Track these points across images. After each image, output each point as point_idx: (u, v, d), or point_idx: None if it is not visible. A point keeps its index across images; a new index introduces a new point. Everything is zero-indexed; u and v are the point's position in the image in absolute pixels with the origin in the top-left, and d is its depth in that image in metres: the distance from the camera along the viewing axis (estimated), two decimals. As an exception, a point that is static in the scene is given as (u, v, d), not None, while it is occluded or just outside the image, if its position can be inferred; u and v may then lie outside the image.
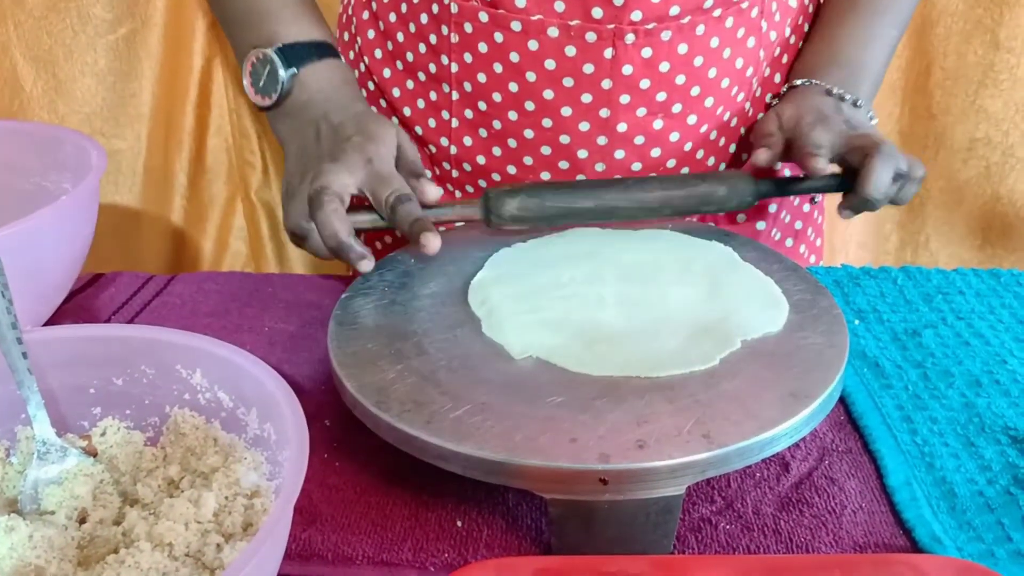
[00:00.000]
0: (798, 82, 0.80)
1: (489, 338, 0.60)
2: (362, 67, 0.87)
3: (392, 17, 0.81)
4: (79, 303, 0.78)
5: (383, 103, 0.85)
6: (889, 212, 1.35)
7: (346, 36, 0.90)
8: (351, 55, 0.88)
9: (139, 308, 0.77)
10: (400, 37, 0.81)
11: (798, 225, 0.91)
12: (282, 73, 0.73)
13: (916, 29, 1.24)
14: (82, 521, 0.51)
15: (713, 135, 0.81)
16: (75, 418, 0.57)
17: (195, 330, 0.56)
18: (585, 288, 0.64)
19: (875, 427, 0.61)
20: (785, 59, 0.84)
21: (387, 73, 0.84)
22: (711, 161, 0.82)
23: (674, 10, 0.73)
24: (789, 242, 0.90)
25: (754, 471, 0.58)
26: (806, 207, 0.92)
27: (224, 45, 1.21)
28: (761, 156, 0.75)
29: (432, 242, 0.62)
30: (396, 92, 0.83)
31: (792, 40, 0.84)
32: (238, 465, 0.51)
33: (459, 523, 0.54)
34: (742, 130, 0.83)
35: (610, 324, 0.60)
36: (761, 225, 0.87)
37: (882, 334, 0.71)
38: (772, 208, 0.87)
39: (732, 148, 0.83)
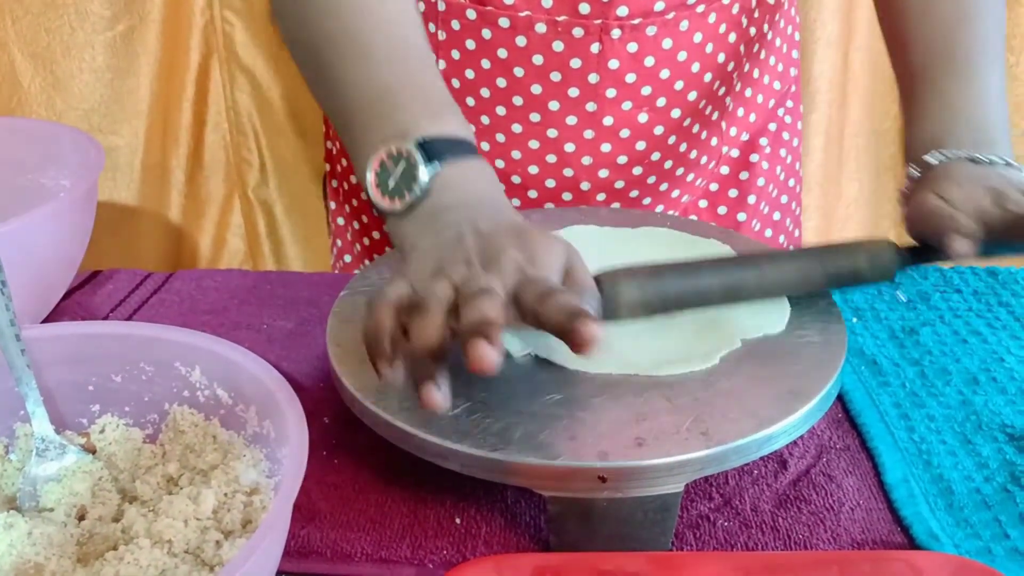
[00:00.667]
0: (933, 161, 0.69)
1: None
2: None
3: None
4: (77, 300, 0.78)
5: None
6: (887, 209, 1.36)
7: None
8: None
9: (137, 305, 0.77)
10: None
11: (776, 216, 0.91)
12: (423, 170, 0.56)
13: (915, 26, 1.24)
14: (81, 518, 0.51)
15: (696, 128, 0.81)
16: (74, 415, 0.57)
17: (193, 327, 0.56)
18: None
19: (873, 425, 0.61)
20: (763, 55, 0.84)
21: None
22: (693, 155, 0.83)
23: (659, 6, 0.74)
24: (768, 232, 0.91)
25: (752, 468, 0.58)
26: (784, 198, 0.92)
27: (221, 43, 1.21)
28: (961, 246, 0.62)
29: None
30: None
31: (770, 36, 0.84)
32: (237, 462, 0.51)
33: (458, 520, 0.55)
34: (723, 124, 0.83)
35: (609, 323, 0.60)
36: (742, 216, 0.88)
37: (880, 332, 0.71)
38: (751, 199, 0.88)
39: (713, 142, 0.84)
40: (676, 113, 0.79)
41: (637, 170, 0.81)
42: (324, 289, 0.78)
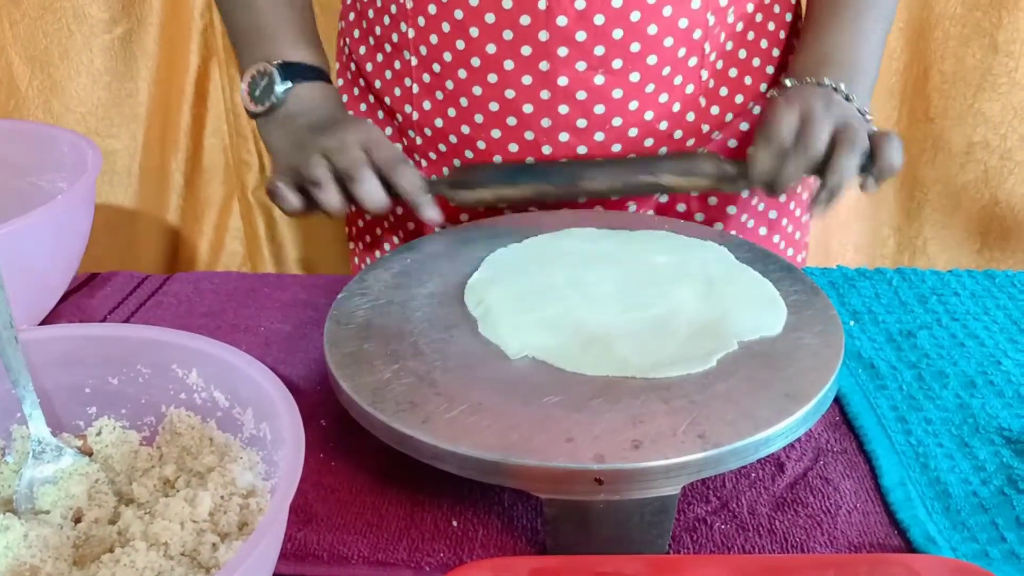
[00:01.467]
0: (788, 84, 0.79)
1: (485, 338, 0.60)
2: (346, 51, 0.91)
3: None
4: (75, 302, 0.78)
5: (361, 83, 0.89)
6: (887, 215, 1.36)
7: (340, 23, 0.94)
8: (342, 42, 0.93)
9: (135, 308, 0.77)
10: (371, 13, 0.85)
11: (772, 215, 0.90)
12: (279, 86, 0.79)
13: (914, 33, 1.24)
14: (77, 520, 0.51)
15: (664, 98, 0.80)
16: (71, 417, 0.56)
17: (191, 330, 0.56)
18: (582, 288, 0.64)
19: (870, 428, 0.61)
20: (751, 36, 0.83)
21: (363, 51, 0.88)
22: (663, 125, 0.82)
23: None
24: (763, 231, 0.90)
25: (749, 471, 0.58)
26: (792, 205, 0.92)
27: (220, 45, 1.22)
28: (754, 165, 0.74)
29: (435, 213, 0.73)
30: (369, 67, 0.87)
31: (759, 19, 0.83)
32: (234, 465, 0.51)
33: (455, 523, 0.55)
34: (701, 100, 0.82)
35: (607, 324, 0.60)
36: (732, 209, 0.87)
37: (877, 335, 0.71)
38: (744, 193, 0.87)
39: (690, 116, 0.82)
40: (635, 77, 0.79)
41: (599, 136, 0.81)
42: (321, 292, 0.78)
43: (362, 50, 0.88)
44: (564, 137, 0.80)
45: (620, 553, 0.51)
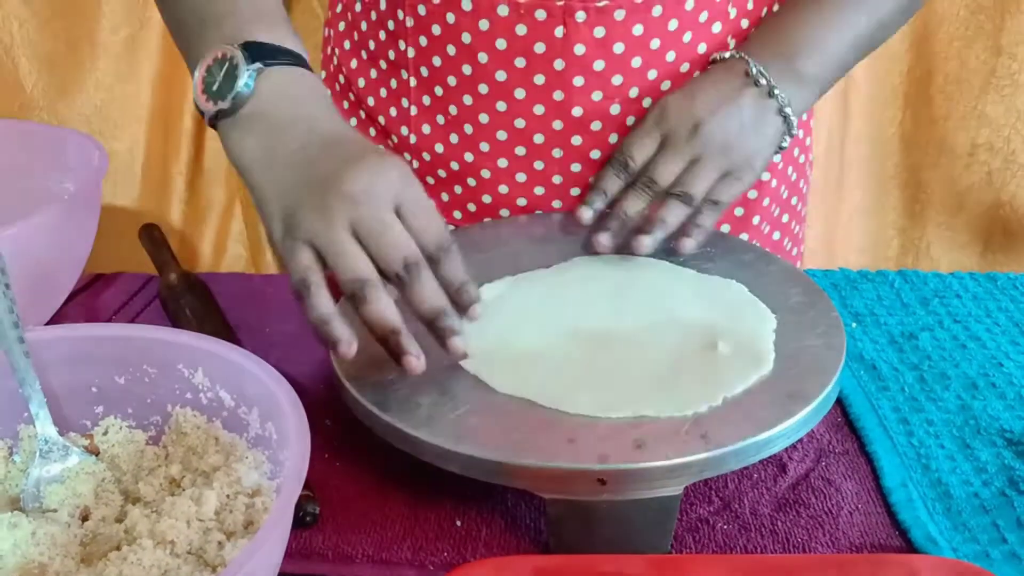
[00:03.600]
0: (716, 57, 0.74)
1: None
2: (335, 61, 0.86)
3: (357, 7, 0.81)
4: (81, 303, 0.78)
5: (351, 97, 0.85)
6: (890, 217, 1.36)
7: (326, 31, 0.90)
8: (329, 50, 0.88)
9: (140, 308, 0.78)
10: (364, 26, 0.81)
11: (785, 218, 0.89)
12: (244, 70, 0.58)
13: (918, 35, 1.24)
14: (84, 519, 0.51)
15: None
16: (77, 417, 0.57)
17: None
18: (575, 325, 0.62)
19: (872, 429, 0.61)
20: None
21: (354, 64, 0.83)
22: None
23: None
24: (776, 235, 0.89)
25: (751, 472, 0.58)
26: (790, 196, 0.89)
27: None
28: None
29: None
30: (361, 82, 0.82)
31: None
32: (239, 464, 0.51)
33: (458, 522, 0.55)
34: None
35: (598, 361, 0.58)
36: (739, 211, 0.84)
37: (879, 337, 0.71)
38: (766, 202, 0.86)
39: None
40: (648, 103, 0.75)
41: None
42: (326, 293, 0.79)
43: (353, 63, 0.83)
44: (576, 167, 0.77)
45: (623, 553, 0.51)
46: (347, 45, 0.84)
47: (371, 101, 0.82)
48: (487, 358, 0.59)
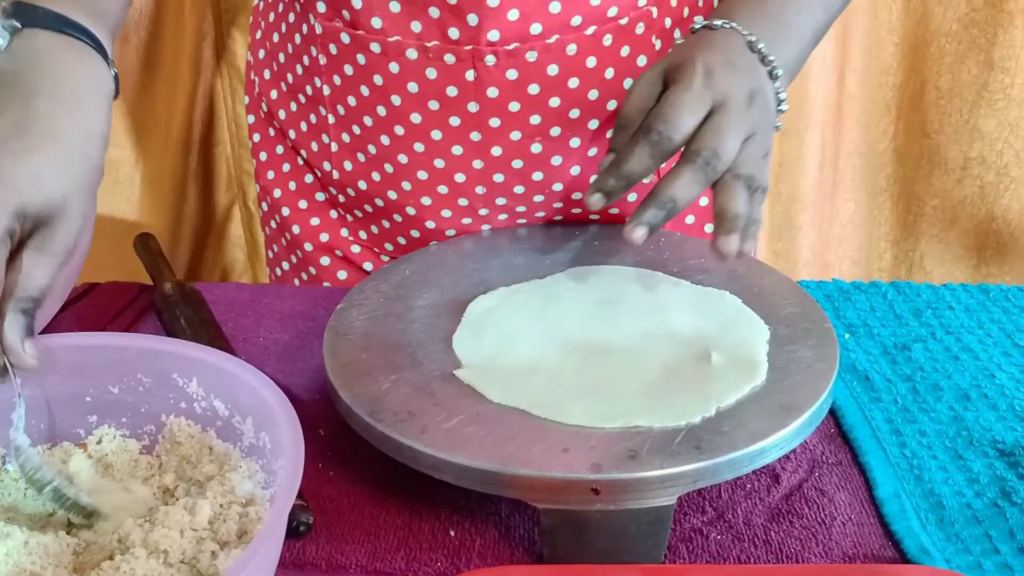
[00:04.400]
0: (717, 22, 0.64)
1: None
2: (256, 88, 0.86)
3: (276, 37, 0.80)
4: (76, 312, 0.78)
5: (275, 127, 0.84)
6: (883, 230, 1.36)
7: (248, 56, 0.89)
8: (252, 75, 0.87)
9: (135, 318, 0.78)
10: (282, 58, 0.79)
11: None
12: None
13: (910, 48, 1.25)
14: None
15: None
16: (71, 426, 0.57)
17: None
18: (570, 335, 0.62)
19: (865, 440, 0.61)
20: None
21: (274, 95, 0.82)
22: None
23: (536, 28, 0.69)
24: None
25: (745, 482, 0.58)
26: None
27: (224, 54, 1.22)
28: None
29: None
30: (283, 114, 0.82)
31: None
32: (233, 474, 0.51)
33: (452, 533, 0.55)
34: None
35: (593, 372, 0.58)
36: (708, 228, 0.80)
37: (872, 348, 0.71)
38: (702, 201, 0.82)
39: None
40: (575, 143, 0.73)
41: (539, 198, 0.76)
42: (321, 303, 0.79)
43: (274, 94, 0.81)
44: (501, 201, 0.76)
45: (616, 563, 0.51)
46: (267, 75, 0.83)
47: (293, 134, 0.81)
48: (481, 368, 0.59)
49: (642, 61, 0.73)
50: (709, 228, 0.83)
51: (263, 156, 0.87)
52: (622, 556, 0.52)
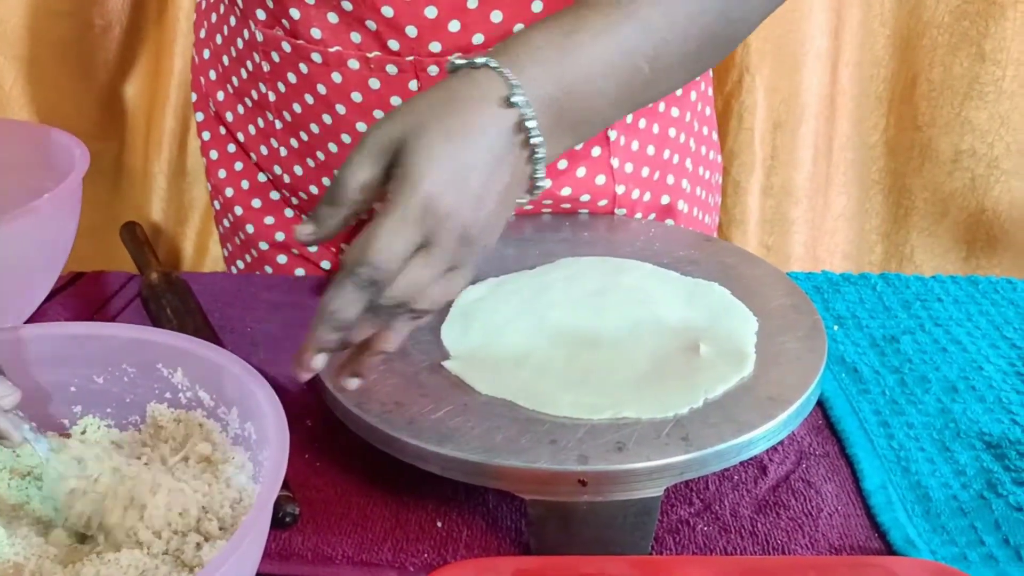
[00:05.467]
0: (479, 61, 0.53)
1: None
2: (202, 89, 0.85)
3: (219, 39, 0.80)
4: (60, 302, 0.78)
5: (223, 129, 0.83)
6: (874, 223, 1.36)
7: (193, 54, 0.88)
8: (199, 76, 0.86)
9: (121, 307, 0.77)
10: (226, 60, 0.79)
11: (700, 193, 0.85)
12: None
13: (902, 40, 1.25)
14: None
15: (562, 164, 0.75)
16: (56, 416, 0.56)
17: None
18: (558, 326, 0.62)
19: (852, 432, 0.61)
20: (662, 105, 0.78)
21: (221, 96, 0.81)
22: (566, 191, 0.77)
23: (478, 38, 0.68)
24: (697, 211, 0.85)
25: (732, 473, 0.58)
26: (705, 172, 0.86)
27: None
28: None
29: None
30: (229, 116, 0.81)
31: None
32: (224, 465, 0.51)
33: (439, 524, 0.55)
34: (614, 161, 0.76)
35: (581, 363, 0.58)
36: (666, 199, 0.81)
37: (861, 340, 0.71)
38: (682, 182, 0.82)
39: (600, 179, 0.77)
40: None
41: None
42: (308, 293, 0.78)
43: (220, 95, 0.80)
44: None
45: (603, 554, 0.51)
46: (213, 75, 0.82)
47: (241, 137, 0.81)
48: (469, 359, 0.59)
49: None
50: (707, 219, 0.83)
51: (213, 155, 0.86)
52: (609, 547, 0.52)
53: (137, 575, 0.46)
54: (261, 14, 0.72)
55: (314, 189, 0.77)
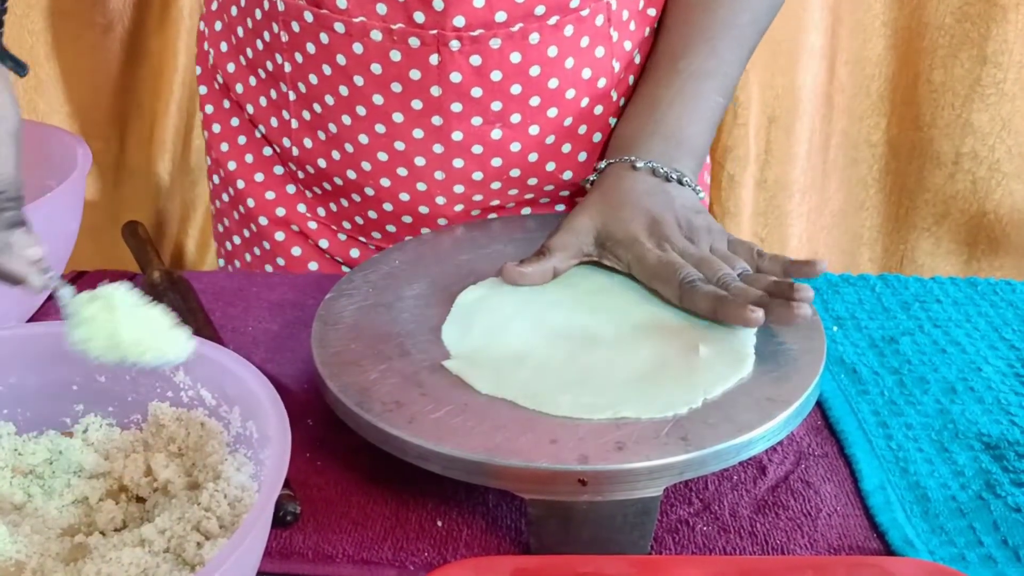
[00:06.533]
0: (615, 159, 0.71)
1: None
2: (211, 59, 0.85)
3: (234, 10, 0.80)
4: (63, 300, 0.78)
5: (231, 99, 0.83)
6: (874, 222, 1.37)
7: (201, 25, 0.88)
8: (205, 46, 0.86)
9: (123, 306, 0.77)
10: (240, 32, 0.79)
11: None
12: None
13: (902, 41, 1.25)
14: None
15: (566, 148, 0.77)
16: (58, 414, 0.57)
17: (178, 328, 0.56)
18: (558, 326, 0.62)
19: (851, 432, 0.61)
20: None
21: (231, 68, 0.81)
22: (567, 175, 0.78)
23: (500, 16, 0.69)
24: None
25: (731, 474, 0.59)
26: None
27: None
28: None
29: None
30: (240, 88, 0.81)
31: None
32: (223, 465, 0.51)
33: (439, 523, 0.55)
34: (595, 136, 0.78)
35: (580, 363, 0.58)
36: None
37: (860, 340, 0.72)
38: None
39: (581, 156, 0.78)
40: (535, 130, 0.74)
41: (496, 185, 0.77)
42: (310, 292, 0.79)
43: (231, 67, 0.81)
44: (459, 189, 0.76)
45: (602, 554, 0.51)
46: (224, 47, 0.82)
47: (251, 109, 0.81)
48: (470, 359, 0.59)
49: (600, 52, 0.74)
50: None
51: (216, 128, 0.86)
52: (609, 547, 0.52)
53: (138, 573, 0.46)
54: None
55: (322, 163, 0.78)
